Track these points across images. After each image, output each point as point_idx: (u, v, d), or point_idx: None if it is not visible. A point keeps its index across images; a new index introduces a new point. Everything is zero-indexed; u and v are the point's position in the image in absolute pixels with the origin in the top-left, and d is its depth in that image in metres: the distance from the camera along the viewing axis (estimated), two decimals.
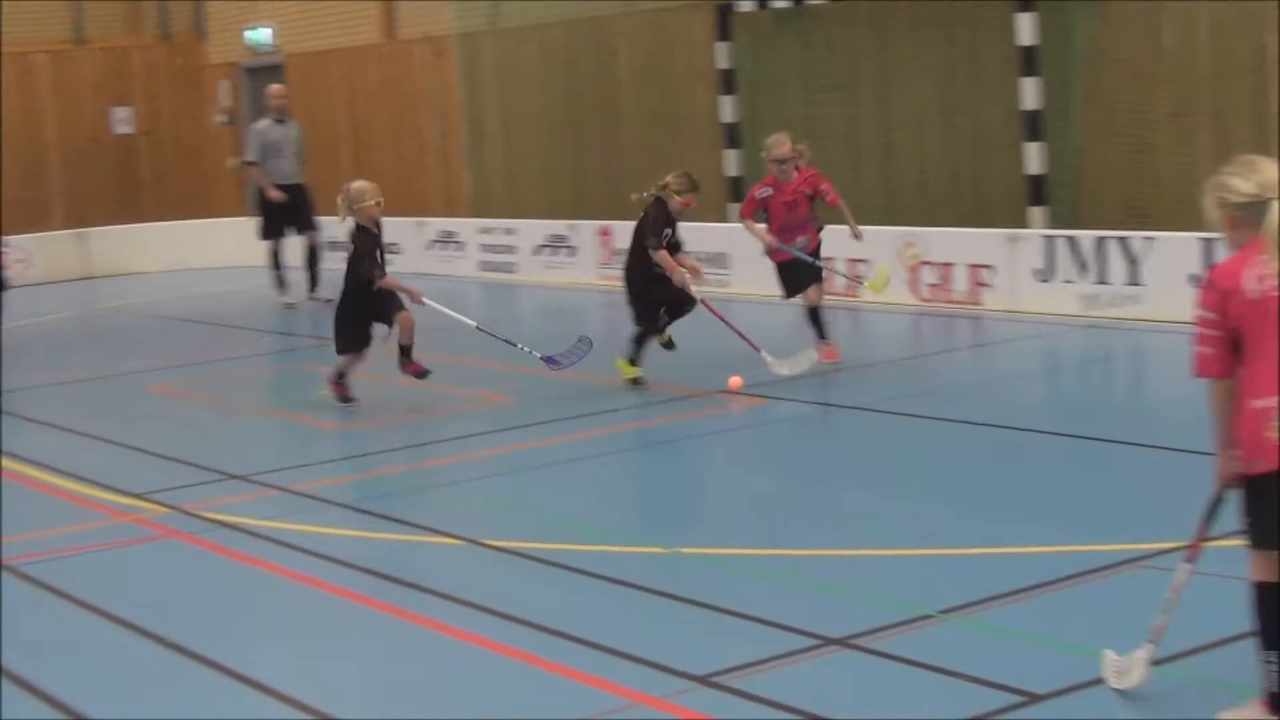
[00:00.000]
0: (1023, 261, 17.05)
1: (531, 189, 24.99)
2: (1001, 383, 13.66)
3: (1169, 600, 6.55)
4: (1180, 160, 17.17)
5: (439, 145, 26.61)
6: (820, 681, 6.84)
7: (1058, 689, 6.50)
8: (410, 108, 26.95)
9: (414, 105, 26.91)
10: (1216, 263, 6.24)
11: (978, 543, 8.78)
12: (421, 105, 26.78)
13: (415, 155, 27.08)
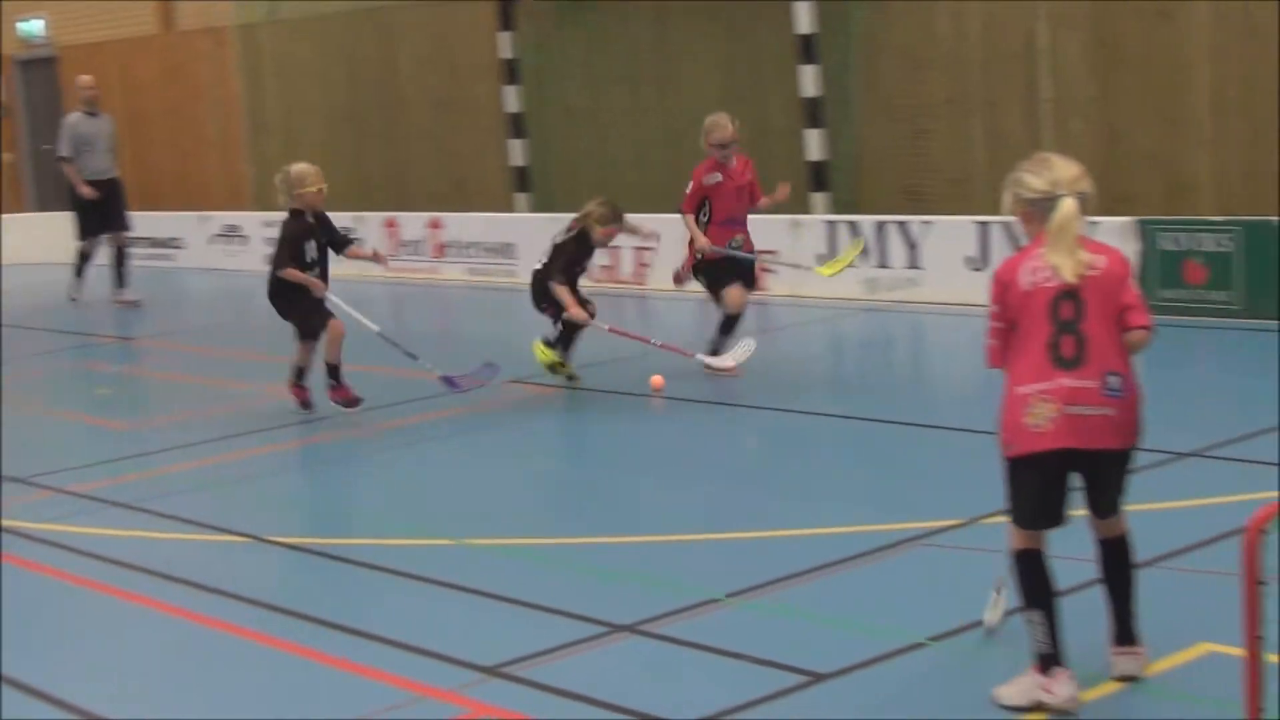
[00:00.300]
0: (805, 246, 17.28)
1: None
2: (787, 367, 13.82)
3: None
4: (955, 146, 17.56)
5: (220, 138, 26.23)
6: (608, 668, 6.87)
7: (841, 668, 6.61)
8: (190, 100, 26.52)
9: (194, 97, 26.48)
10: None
11: (764, 526, 8.89)
12: (201, 97, 26.36)
13: (196, 148, 26.66)
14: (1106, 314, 6.08)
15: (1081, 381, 6.02)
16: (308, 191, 12.17)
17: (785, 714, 6.22)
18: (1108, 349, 6.06)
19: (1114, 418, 6.04)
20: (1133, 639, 6.30)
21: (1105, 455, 6.11)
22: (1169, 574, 7.48)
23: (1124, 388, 6.05)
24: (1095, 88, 16.33)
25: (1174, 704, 6.08)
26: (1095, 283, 6.09)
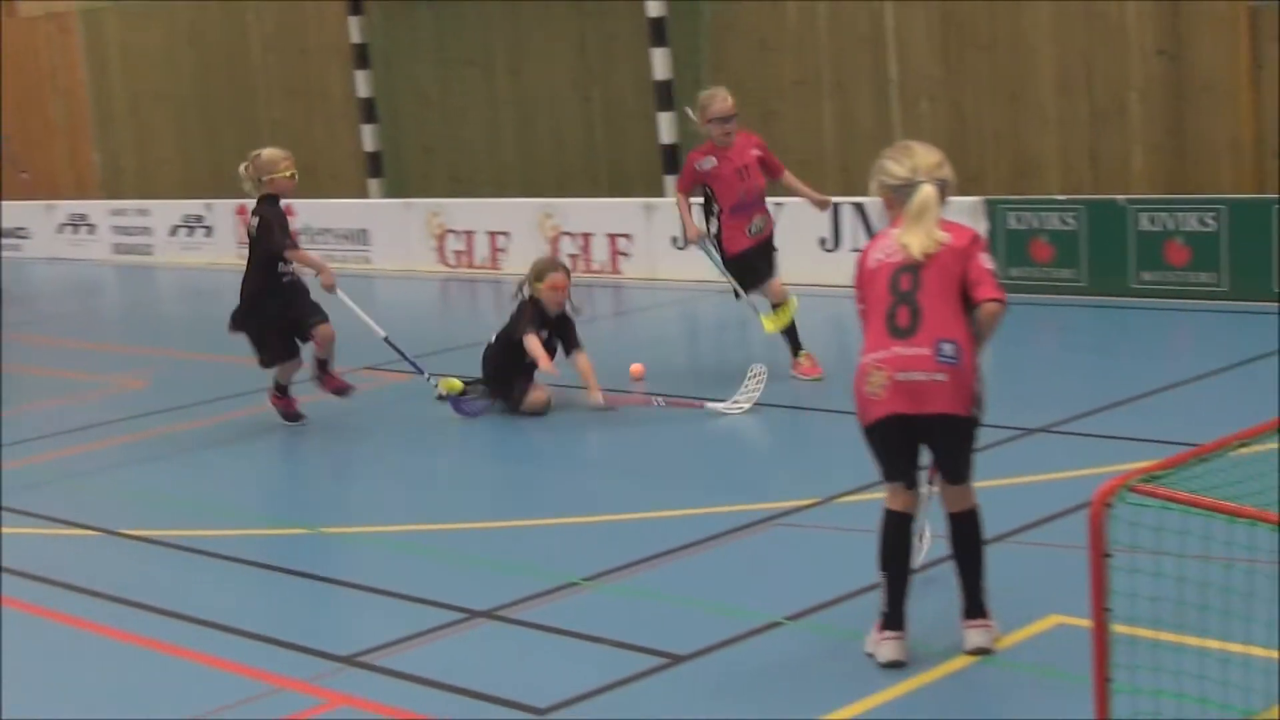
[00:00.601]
0: (659, 230, 17.32)
1: (165, 168, 24.40)
2: (644, 350, 13.85)
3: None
4: (805, 128, 17.67)
5: (65, 125, 25.77)
6: (466, 655, 6.86)
7: (700, 649, 6.64)
8: (34, 86, 26.03)
9: (38, 84, 25.99)
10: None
11: (620, 509, 8.92)
12: (46, 84, 25.89)
13: (41, 136, 26.18)
14: (946, 286, 6.22)
15: (913, 349, 6.17)
16: (280, 176, 11.21)
17: (644, 696, 6.25)
18: (943, 318, 6.18)
19: (946, 384, 6.15)
20: (982, 612, 6.41)
21: (941, 421, 6.22)
22: (1019, 548, 7.60)
23: (958, 355, 6.16)
24: (942, 69, 16.52)
25: (1025, 675, 6.18)
26: (938, 257, 6.23)
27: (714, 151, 11.75)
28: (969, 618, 6.42)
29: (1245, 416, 5.71)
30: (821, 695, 6.06)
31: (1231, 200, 13.78)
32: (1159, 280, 13.94)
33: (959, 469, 6.37)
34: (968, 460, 6.38)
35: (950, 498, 6.44)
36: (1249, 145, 14.76)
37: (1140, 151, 15.43)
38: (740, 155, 11.83)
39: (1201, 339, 12.78)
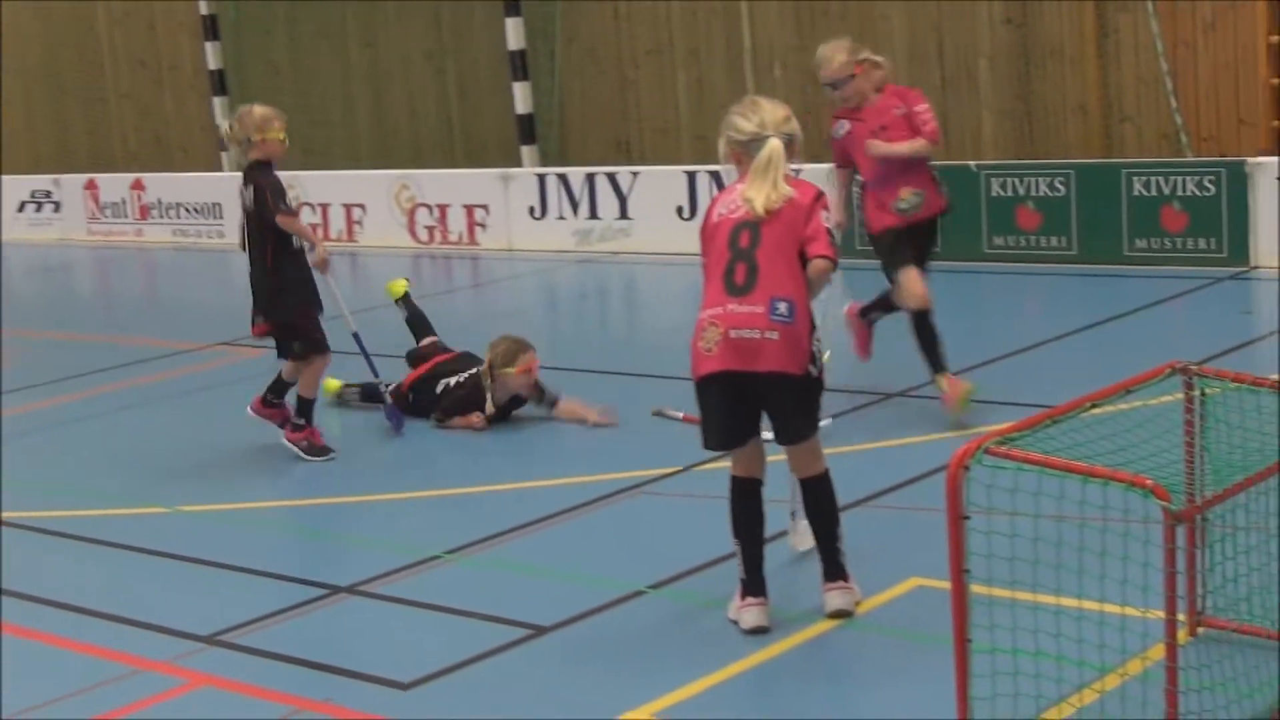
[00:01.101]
0: (516, 200, 17.29)
1: (11, 143, 23.92)
2: (501, 320, 13.82)
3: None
4: (660, 96, 17.71)
5: None
6: (330, 631, 6.83)
7: (563, 619, 6.65)
8: None
9: None
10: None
11: (481, 482, 8.89)
12: None
13: None
14: (785, 244, 6.23)
15: (747, 307, 6.19)
16: (272, 138, 9.55)
17: (508, 668, 6.25)
18: (780, 276, 6.20)
19: (778, 342, 6.17)
20: (841, 575, 6.48)
21: (772, 379, 6.22)
22: (879, 512, 7.69)
23: (792, 314, 6.17)
24: (794, 37, 16.61)
25: (886, 638, 6.25)
26: (780, 214, 6.25)
27: (847, 115, 9.75)
28: (828, 580, 6.49)
29: (1097, 378, 5.79)
30: (685, 662, 6.09)
31: (1080, 165, 14.00)
32: (1010, 245, 14.14)
33: (791, 429, 6.38)
34: (804, 420, 6.38)
35: (796, 463, 6.48)
36: (1096, 110, 15.01)
37: (990, 118, 15.63)
38: (880, 115, 9.62)
39: (1053, 302, 12.99)
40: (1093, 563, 5.02)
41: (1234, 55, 14.26)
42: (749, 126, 6.37)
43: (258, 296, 9.58)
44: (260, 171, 9.46)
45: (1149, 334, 11.31)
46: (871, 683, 5.92)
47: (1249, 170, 13.02)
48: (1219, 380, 5.72)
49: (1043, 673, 5.08)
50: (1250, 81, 14.20)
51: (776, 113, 6.40)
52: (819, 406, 6.46)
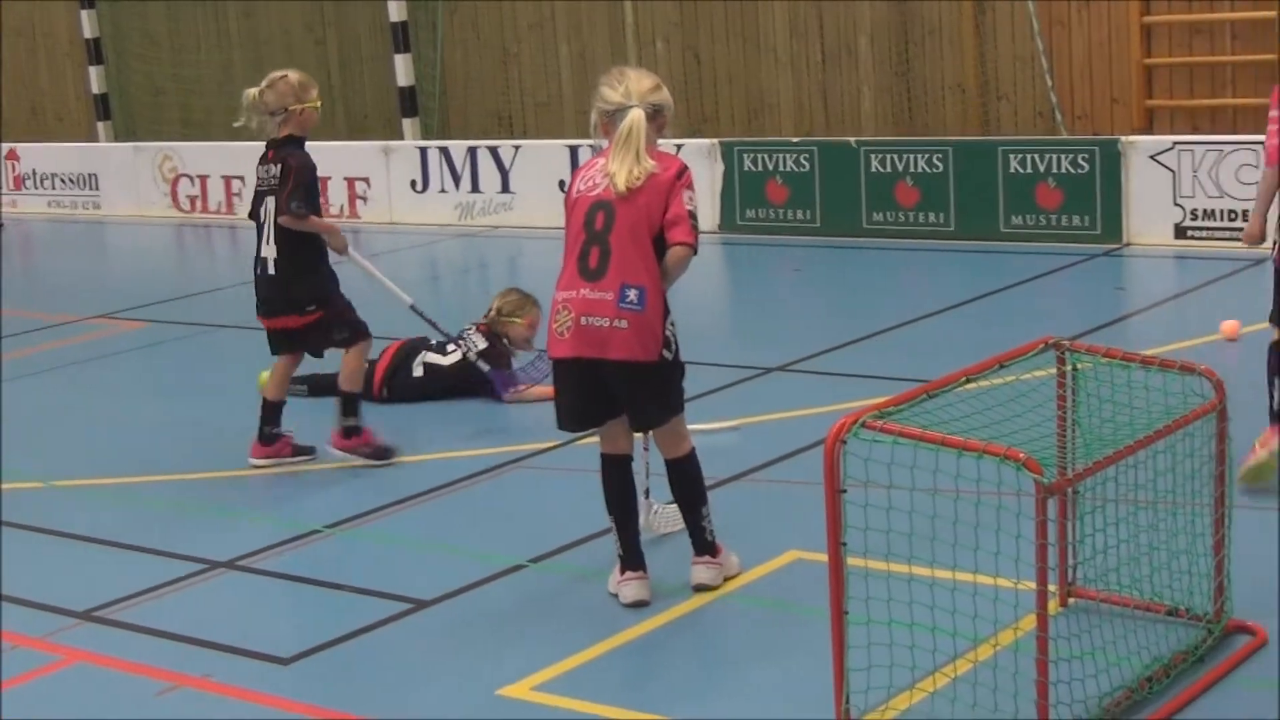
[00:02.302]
0: (398, 173, 17.20)
1: None
2: (383, 294, 13.75)
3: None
4: (542, 70, 17.70)
5: None
6: (208, 606, 6.77)
7: (444, 593, 6.65)
8: None
9: None
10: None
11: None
12: None
13: None
14: (640, 227, 6.17)
15: (598, 293, 6.16)
16: (310, 108, 8.57)
17: (388, 642, 6.24)
18: (632, 262, 6.15)
19: (626, 331, 6.13)
20: (707, 550, 6.52)
21: (623, 367, 6.19)
22: (758, 486, 7.76)
23: (642, 301, 6.14)
24: (676, 12, 16.65)
25: (765, 610, 6.31)
26: (636, 194, 6.17)
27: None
28: (695, 555, 6.54)
29: (973, 353, 5.88)
30: (565, 636, 6.12)
31: (957, 142, 14.15)
32: (889, 220, 14.26)
33: (643, 415, 6.38)
34: (656, 406, 6.35)
35: (662, 445, 6.49)
36: (974, 88, 15.18)
37: (870, 94, 15.76)
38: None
39: (931, 277, 13.12)
40: (967, 535, 5.09)
41: (1107, 35, 14.47)
42: (615, 96, 6.30)
43: (278, 284, 8.56)
44: (293, 150, 8.50)
45: (1024, 310, 11.47)
46: (750, 655, 5.97)
47: (1122, 148, 13.21)
48: (1090, 355, 5.82)
49: (918, 643, 5.15)
50: (1123, 61, 14.42)
51: (643, 82, 6.33)
52: (677, 390, 6.43)
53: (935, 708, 5.15)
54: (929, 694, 5.21)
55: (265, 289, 8.62)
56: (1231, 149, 12.80)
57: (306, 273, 8.56)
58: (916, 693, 5.21)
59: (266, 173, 8.57)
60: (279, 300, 8.58)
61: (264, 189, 8.56)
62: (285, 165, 8.44)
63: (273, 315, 8.65)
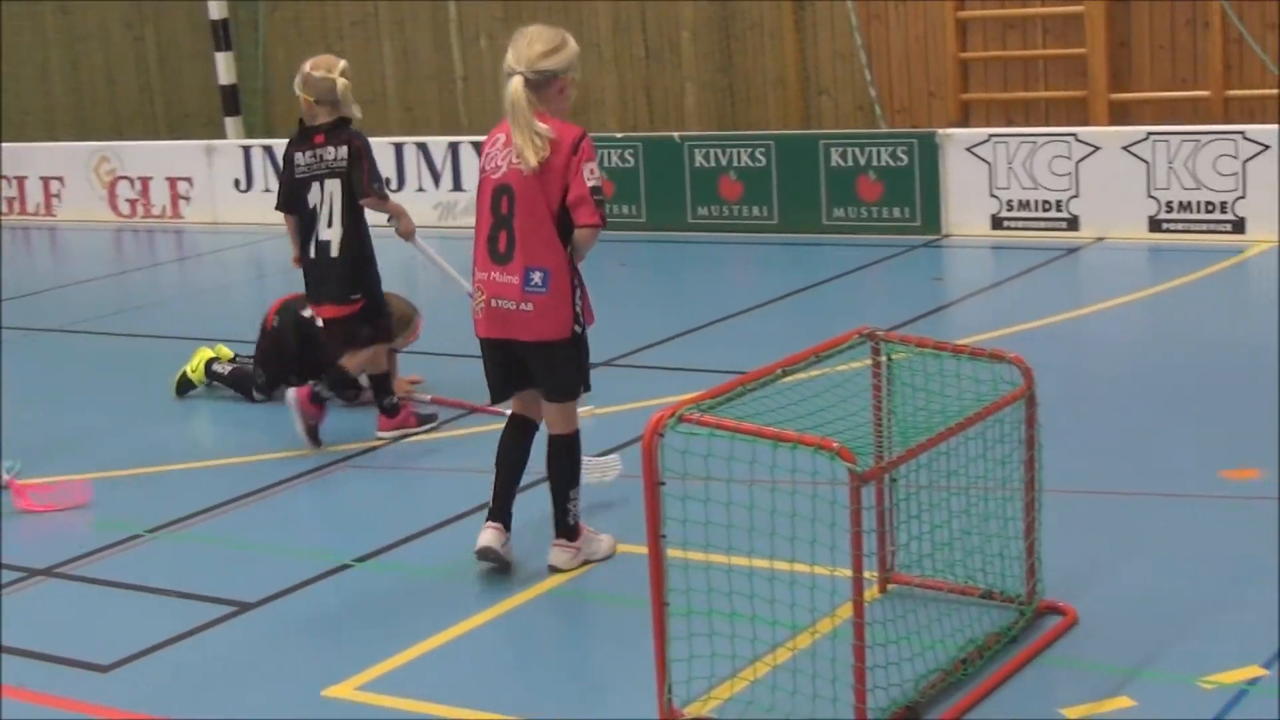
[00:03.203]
0: (221, 172, 17.00)
1: None
2: (208, 295, 13.63)
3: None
4: (366, 67, 17.60)
5: None
6: (26, 614, 6.65)
7: (268, 595, 6.61)
8: None
9: None
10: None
11: (187, 458, 8.75)
12: None
13: None
14: (540, 211, 6.25)
15: (506, 277, 6.29)
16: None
17: (213, 645, 6.19)
18: (534, 245, 6.25)
19: (532, 313, 6.27)
20: (563, 533, 6.59)
21: (530, 346, 6.36)
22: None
23: (546, 283, 6.25)
24: (500, 9, 16.65)
25: (587, 603, 6.36)
26: (538, 178, 6.22)
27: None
28: (555, 537, 6.61)
29: (793, 345, 5.95)
30: (389, 635, 6.11)
31: (779, 136, 14.29)
32: (713, 214, 14.38)
33: (552, 389, 6.50)
34: (563, 381, 6.47)
35: (550, 419, 6.60)
36: (795, 83, 15.36)
37: (693, 89, 15.88)
38: None
39: (754, 271, 13.25)
40: (784, 525, 5.16)
41: (924, 31, 14.71)
42: (508, 61, 6.27)
43: (340, 266, 8.51)
44: (354, 132, 8.56)
45: (846, 301, 11.63)
46: (573, 648, 6.02)
47: (939, 141, 13.44)
48: (904, 345, 5.93)
49: (738, 633, 5.22)
50: (939, 56, 14.67)
51: (533, 47, 6.24)
52: (580, 367, 6.52)
53: (756, 696, 5.22)
54: (750, 683, 5.28)
55: (323, 271, 8.54)
56: (1045, 141, 13.07)
57: (366, 260, 8.61)
58: (738, 682, 5.29)
59: (316, 157, 8.51)
60: (332, 284, 8.51)
61: (319, 172, 8.51)
62: (353, 146, 8.46)
63: (320, 301, 8.66)
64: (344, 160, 8.45)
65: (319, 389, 8.60)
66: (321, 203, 8.52)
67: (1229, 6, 13.36)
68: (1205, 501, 7.00)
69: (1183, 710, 5.09)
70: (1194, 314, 10.63)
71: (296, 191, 8.59)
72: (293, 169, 8.58)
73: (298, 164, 8.56)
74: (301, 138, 8.59)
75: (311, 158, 8.53)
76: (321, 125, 8.54)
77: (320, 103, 8.54)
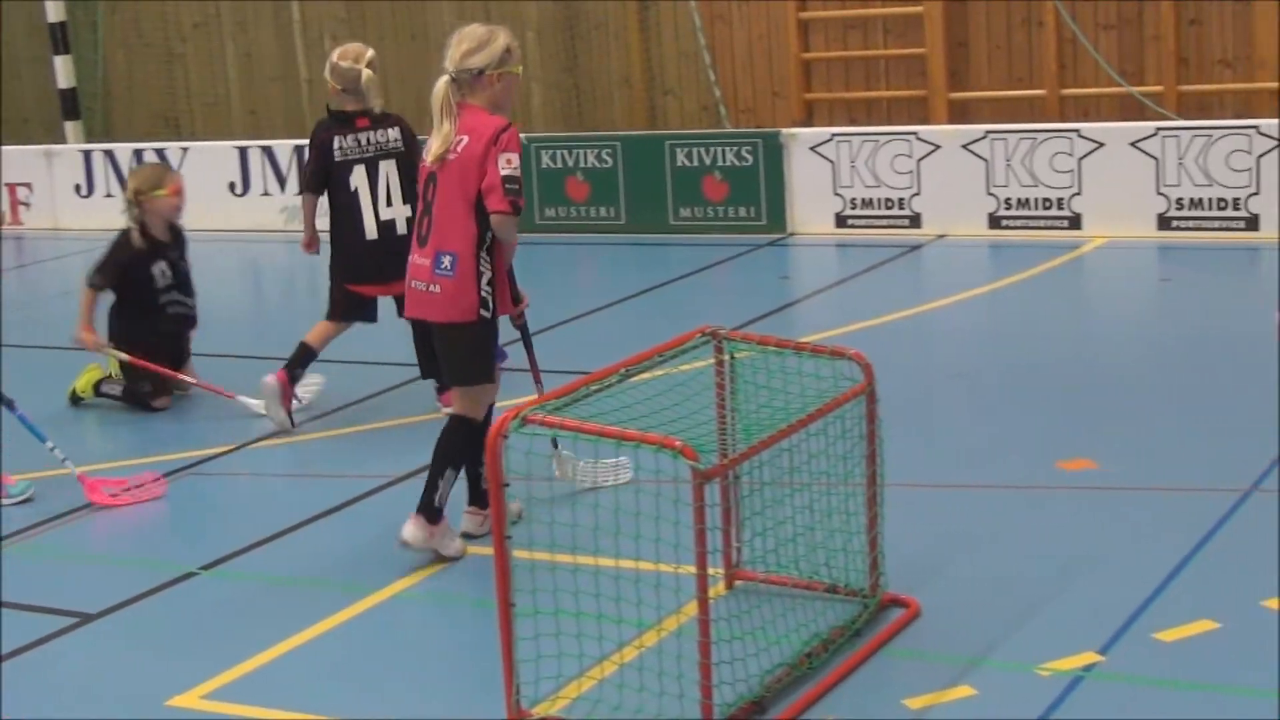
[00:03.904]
0: (61, 178, 16.73)
1: None
2: (53, 303, 13.40)
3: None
4: (209, 70, 17.43)
5: None
6: None
7: (111, 605, 6.53)
8: None
9: None
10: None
11: (22, 468, 8.61)
12: None
13: None
14: (455, 197, 6.43)
15: (422, 259, 6.53)
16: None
17: (54, 658, 6.10)
18: (446, 230, 6.45)
19: (439, 295, 6.47)
20: (424, 511, 6.58)
21: (436, 327, 6.58)
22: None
23: (454, 267, 6.43)
24: (344, 9, 16.56)
25: (437, 605, 6.36)
26: (455, 165, 6.42)
27: None
28: (414, 513, 6.61)
29: (639, 345, 5.98)
30: (235, 643, 6.05)
31: (625, 136, 14.35)
32: (561, 215, 14.41)
33: (449, 372, 6.67)
34: (460, 365, 6.59)
35: (457, 402, 6.70)
36: (640, 83, 15.42)
37: (539, 90, 15.89)
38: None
39: (602, 271, 13.30)
40: (629, 524, 5.20)
41: (767, 30, 14.83)
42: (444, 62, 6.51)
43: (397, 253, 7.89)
44: (398, 116, 8.99)
45: (693, 301, 11.70)
46: (421, 650, 6.00)
47: (784, 140, 13.56)
48: (746, 343, 5.99)
49: (585, 632, 5.24)
50: (782, 56, 14.80)
51: (459, 47, 6.51)
52: (484, 352, 6.58)
53: (604, 694, 5.25)
54: (598, 682, 5.30)
55: (392, 247, 8.45)
56: (887, 139, 13.24)
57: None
58: (586, 681, 5.31)
59: (363, 141, 8.77)
60: (390, 266, 8.24)
61: (371, 154, 8.77)
62: (404, 128, 8.84)
63: (379, 281, 8.75)
64: (399, 141, 8.79)
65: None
66: (377, 184, 8.76)
67: (1062, 7, 13.61)
68: (1043, 492, 7.15)
69: (1021, 697, 5.20)
70: (1033, 309, 10.83)
71: (335, 175, 8.76)
72: (330, 153, 8.75)
73: (338, 148, 8.76)
74: (339, 122, 8.79)
75: (363, 139, 8.78)
76: (363, 110, 8.76)
77: (346, 91, 8.75)
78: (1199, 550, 6.31)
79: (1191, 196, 12.30)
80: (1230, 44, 13.22)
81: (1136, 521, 6.69)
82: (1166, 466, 7.36)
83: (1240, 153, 12.12)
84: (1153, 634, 5.57)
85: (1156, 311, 9.66)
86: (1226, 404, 8.27)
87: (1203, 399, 8.48)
